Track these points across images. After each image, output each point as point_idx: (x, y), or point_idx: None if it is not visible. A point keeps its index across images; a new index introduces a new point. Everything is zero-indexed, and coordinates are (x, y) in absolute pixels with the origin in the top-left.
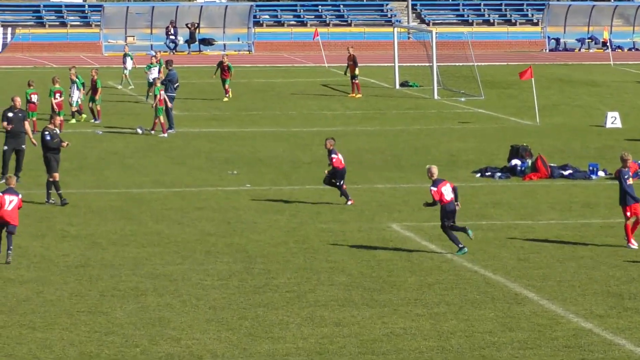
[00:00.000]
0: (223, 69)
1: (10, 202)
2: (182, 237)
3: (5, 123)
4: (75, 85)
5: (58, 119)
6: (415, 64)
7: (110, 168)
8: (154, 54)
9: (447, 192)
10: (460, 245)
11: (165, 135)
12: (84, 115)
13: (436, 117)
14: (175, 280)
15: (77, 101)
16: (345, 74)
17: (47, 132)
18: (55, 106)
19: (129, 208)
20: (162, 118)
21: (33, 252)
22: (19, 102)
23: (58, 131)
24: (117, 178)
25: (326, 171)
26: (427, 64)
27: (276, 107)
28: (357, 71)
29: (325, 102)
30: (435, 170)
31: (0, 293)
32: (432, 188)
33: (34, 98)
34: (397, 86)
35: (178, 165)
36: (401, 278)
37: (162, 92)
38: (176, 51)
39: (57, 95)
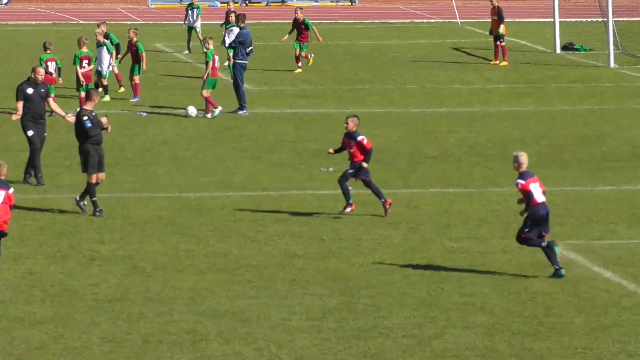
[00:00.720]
0: (299, 28)
1: None
2: (257, 260)
3: (20, 103)
4: (105, 48)
5: (96, 96)
6: (584, 19)
7: (158, 163)
8: (218, 5)
9: (538, 192)
10: (556, 267)
11: (210, 115)
12: (122, 89)
13: (613, 92)
14: (248, 321)
15: (108, 71)
16: (490, 33)
17: (86, 117)
18: (81, 78)
19: (183, 219)
20: (205, 92)
21: (50, 280)
22: (42, 74)
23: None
24: (166, 177)
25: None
26: (601, 19)
27: (388, 80)
28: (502, 29)
29: (457, 72)
30: (524, 159)
31: (5, 337)
32: (519, 181)
33: (52, 66)
34: (558, 50)
35: (251, 159)
36: (564, 318)
37: (216, 58)
38: (250, 2)
39: (85, 62)
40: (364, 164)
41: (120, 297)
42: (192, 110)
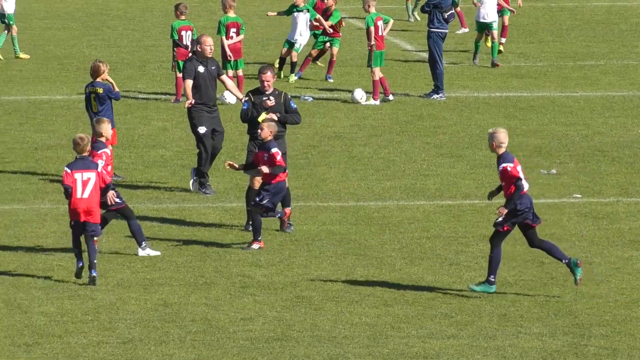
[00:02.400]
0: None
1: (85, 182)
2: (456, 289)
3: (188, 82)
4: (305, 14)
5: (270, 75)
6: None
7: (328, 164)
8: None
9: (523, 176)
10: (491, 279)
11: (375, 102)
12: (319, 64)
13: None
14: None
15: (300, 44)
16: None
17: (245, 100)
18: (228, 51)
19: (360, 236)
20: (375, 70)
21: (190, 313)
22: (210, 44)
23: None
24: (339, 182)
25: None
26: None
27: (630, 54)
28: None
29: None
30: (503, 136)
31: None
32: (507, 165)
33: (187, 37)
34: None
35: (449, 158)
36: None
37: (380, 24)
38: None
39: (233, 31)
40: None
41: (280, 336)
42: (358, 94)
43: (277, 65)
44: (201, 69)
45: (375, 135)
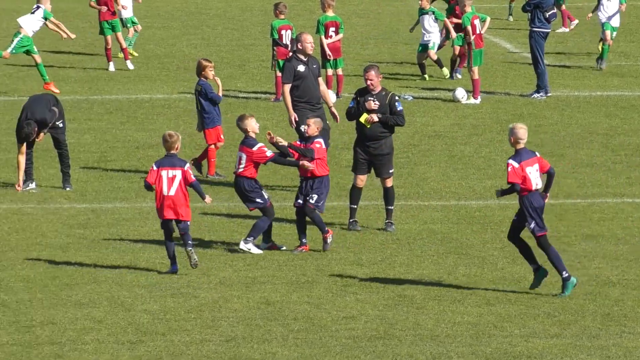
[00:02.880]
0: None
1: (171, 180)
2: (560, 288)
3: (286, 87)
4: (431, 16)
5: (373, 74)
6: None
7: (429, 163)
8: None
9: (535, 175)
10: (565, 275)
11: (475, 100)
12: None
13: None
14: None
15: (434, 43)
16: None
17: (353, 99)
18: (327, 50)
19: (462, 235)
20: (474, 69)
21: (293, 312)
22: (310, 42)
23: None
24: (440, 181)
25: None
26: None
27: None
28: None
29: None
30: (522, 133)
31: None
32: (512, 162)
33: (286, 36)
34: None
35: (551, 157)
36: None
37: (477, 23)
38: None
39: (332, 30)
40: None
41: (383, 334)
42: (459, 93)
43: (422, 72)
44: (301, 68)
45: (476, 134)
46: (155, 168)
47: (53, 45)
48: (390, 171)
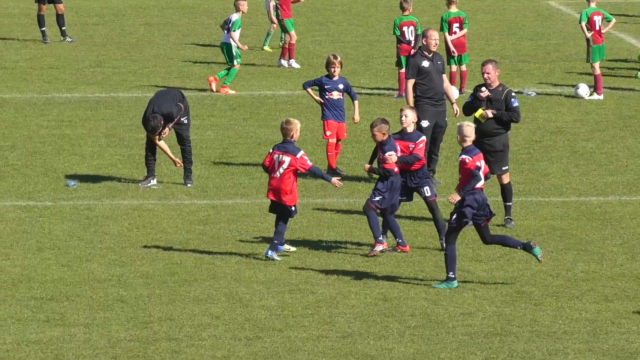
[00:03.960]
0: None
1: (280, 163)
2: None
3: (409, 83)
4: None
5: (490, 67)
6: None
7: (550, 159)
8: None
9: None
10: (450, 276)
11: (598, 96)
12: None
13: None
14: None
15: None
16: None
17: (471, 94)
18: (451, 47)
19: (581, 231)
20: (595, 65)
21: (410, 308)
22: (436, 38)
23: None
24: (561, 177)
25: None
26: None
27: None
28: None
29: None
30: (469, 131)
31: None
32: (465, 157)
33: (409, 32)
34: None
35: None
36: None
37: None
38: None
39: (456, 26)
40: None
41: (499, 331)
42: (583, 90)
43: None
44: (426, 63)
45: (599, 130)
46: (271, 151)
47: (178, 40)
48: (504, 168)
